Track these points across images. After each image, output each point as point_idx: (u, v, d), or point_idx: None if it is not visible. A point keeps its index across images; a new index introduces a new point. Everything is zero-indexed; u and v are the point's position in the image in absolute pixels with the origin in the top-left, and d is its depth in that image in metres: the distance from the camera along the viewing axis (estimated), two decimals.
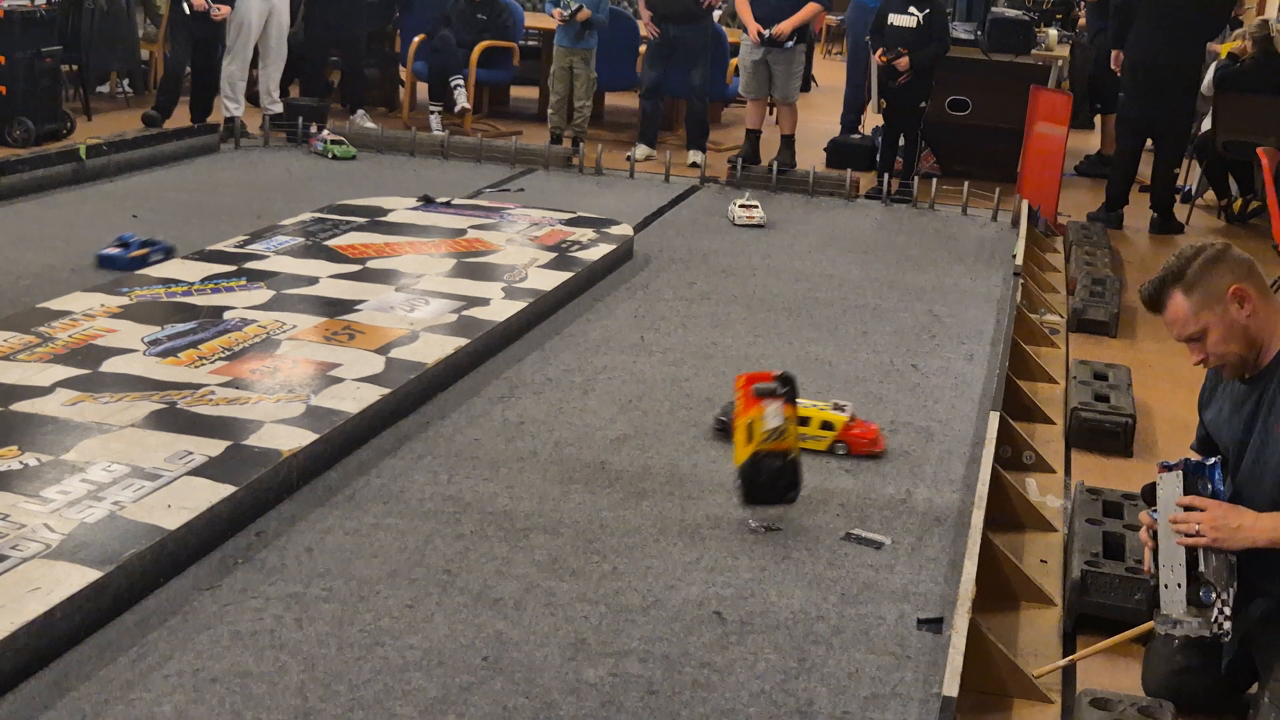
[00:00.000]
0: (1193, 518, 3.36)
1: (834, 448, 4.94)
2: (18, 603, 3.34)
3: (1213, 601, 3.38)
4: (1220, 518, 3.34)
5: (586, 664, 3.51)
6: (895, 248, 8.31)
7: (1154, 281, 3.52)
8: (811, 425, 4.90)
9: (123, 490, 3.99)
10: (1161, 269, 3.53)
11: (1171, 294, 3.47)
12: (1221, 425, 3.59)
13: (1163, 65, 9.20)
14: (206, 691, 3.27)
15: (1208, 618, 3.37)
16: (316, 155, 9.82)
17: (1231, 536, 3.33)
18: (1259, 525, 3.32)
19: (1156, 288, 3.51)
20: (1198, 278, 3.43)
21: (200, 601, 3.69)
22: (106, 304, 5.71)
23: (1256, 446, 3.43)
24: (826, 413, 4.99)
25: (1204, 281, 3.43)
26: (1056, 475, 5.07)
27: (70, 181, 8.39)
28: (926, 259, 8.04)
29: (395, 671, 3.41)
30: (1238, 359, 3.46)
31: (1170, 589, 3.42)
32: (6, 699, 3.18)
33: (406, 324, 5.76)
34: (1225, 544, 3.34)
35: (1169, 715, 3.27)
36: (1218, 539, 3.34)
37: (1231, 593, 3.38)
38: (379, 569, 3.92)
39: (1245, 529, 3.33)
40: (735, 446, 4.37)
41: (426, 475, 4.58)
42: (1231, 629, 3.40)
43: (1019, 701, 3.57)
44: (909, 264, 7.90)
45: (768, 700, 3.40)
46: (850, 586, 4.02)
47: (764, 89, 10.38)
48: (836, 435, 4.95)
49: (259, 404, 4.75)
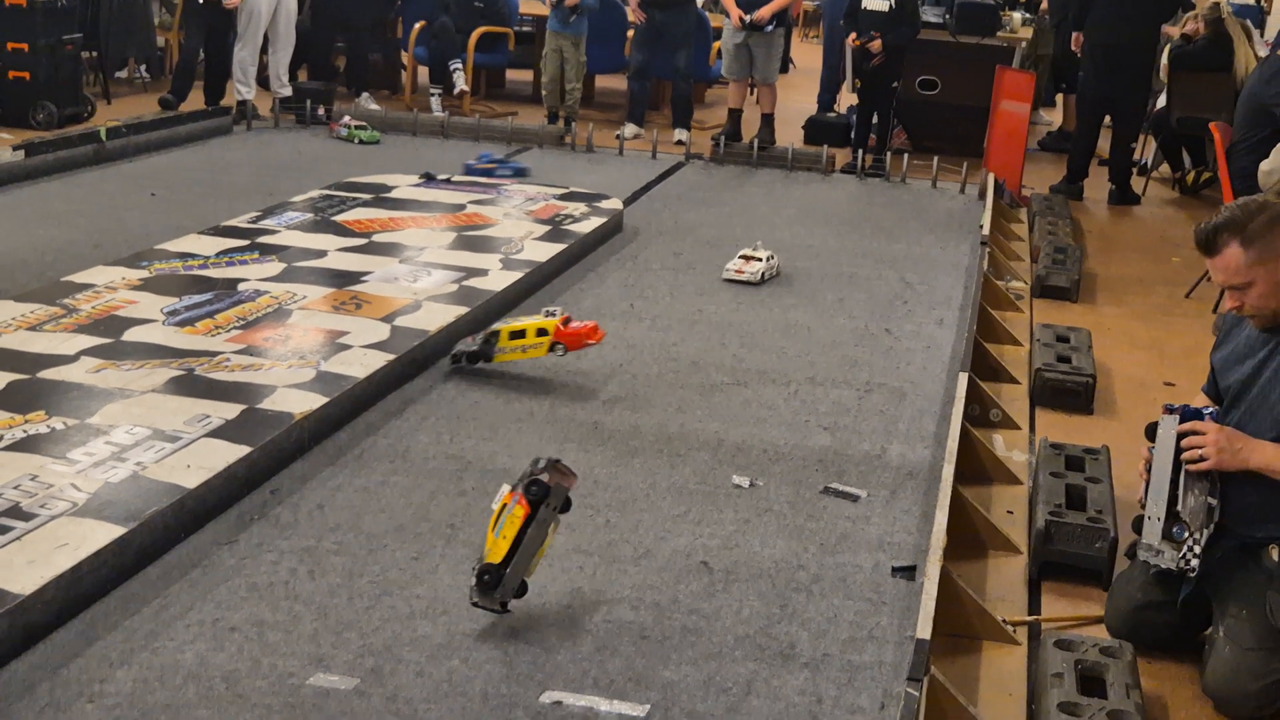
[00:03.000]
0: (1197, 440, 3.38)
1: (554, 348, 4.99)
2: (47, 558, 3.34)
3: (1184, 539, 3.42)
4: (1224, 440, 3.37)
5: (582, 611, 3.51)
6: (869, 219, 8.29)
7: (1213, 225, 3.43)
8: (529, 335, 4.97)
9: (144, 451, 3.98)
10: (1224, 213, 3.45)
11: (1229, 242, 3.40)
12: (1231, 365, 3.58)
13: (1120, 46, 9.18)
14: (226, 639, 3.27)
15: (1178, 553, 3.42)
16: (341, 140, 9.63)
17: (1233, 458, 3.36)
18: (1261, 451, 3.35)
19: (1213, 232, 3.42)
20: (1259, 234, 3.36)
21: (219, 555, 3.68)
22: (127, 277, 5.69)
23: (1261, 391, 3.44)
24: (539, 321, 5.01)
25: (1264, 239, 3.36)
26: (1022, 432, 5.07)
27: (91, 162, 8.33)
28: (899, 230, 8.02)
29: (403, 620, 3.41)
30: (1271, 314, 3.44)
31: (1152, 521, 3.49)
32: (38, 648, 3.17)
33: (410, 294, 5.74)
34: (1226, 464, 3.36)
35: (1129, 655, 3.28)
36: (1220, 460, 3.36)
37: (1205, 534, 3.41)
38: (386, 524, 3.92)
39: (1245, 451, 3.36)
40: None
41: (430, 436, 4.57)
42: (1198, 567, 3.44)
43: (988, 643, 3.57)
44: (882, 235, 7.88)
45: (752, 644, 3.40)
46: (829, 537, 4.02)
47: (745, 70, 10.38)
48: (552, 338, 4.97)
49: (272, 370, 4.73)
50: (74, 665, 3.13)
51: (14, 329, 4.97)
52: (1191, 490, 3.43)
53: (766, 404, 5.05)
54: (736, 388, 5.20)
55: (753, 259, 6.66)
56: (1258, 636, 3.33)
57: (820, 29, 14.76)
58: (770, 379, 5.31)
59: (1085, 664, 3.23)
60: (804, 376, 5.36)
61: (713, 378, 5.28)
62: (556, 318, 5.01)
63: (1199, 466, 3.39)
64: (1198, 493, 3.42)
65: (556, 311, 5.07)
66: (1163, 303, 7.08)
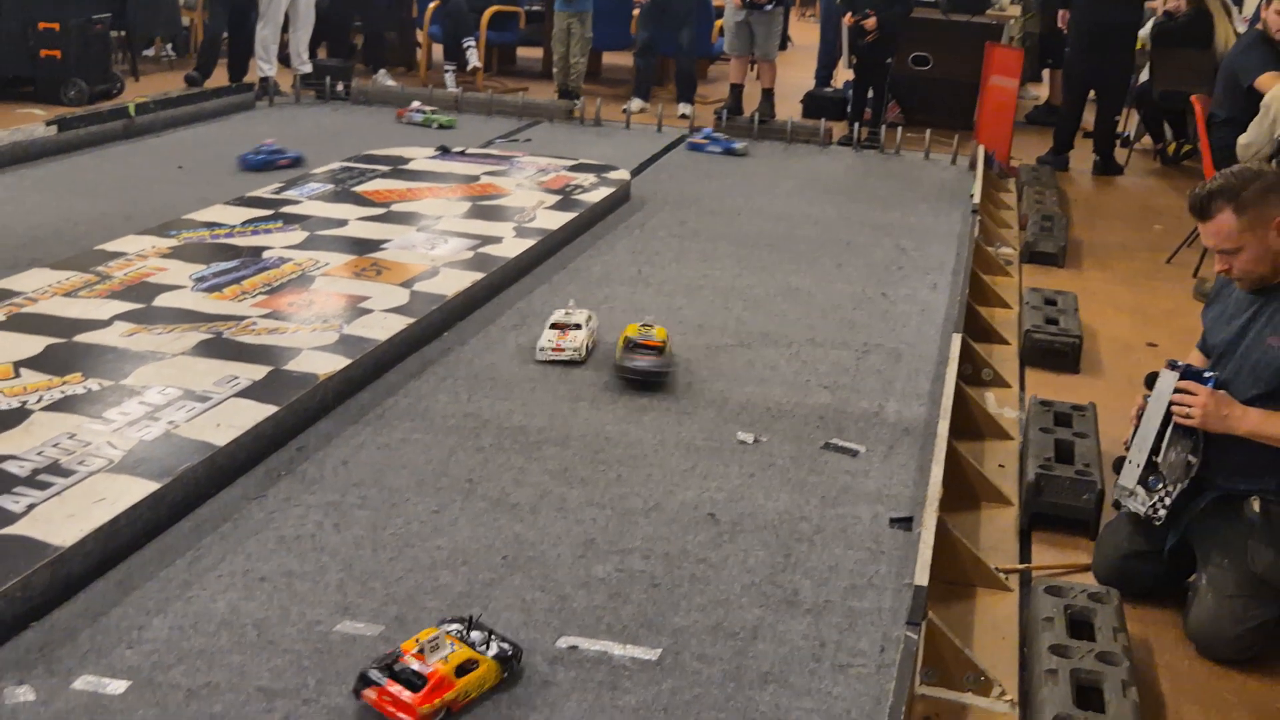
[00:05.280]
0: (1188, 401, 3.38)
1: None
2: (86, 512, 3.34)
3: (1158, 489, 3.43)
4: (1213, 405, 3.36)
5: (595, 561, 3.50)
6: (865, 189, 8.25)
7: (1208, 190, 3.40)
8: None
9: (176, 411, 3.97)
10: (1218, 179, 3.41)
11: (1222, 208, 3.37)
12: (1220, 325, 3.57)
13: (1104, 24, 9.13)
14: (256, 589, 3.27)
15: (1149, 500, 3.44)
16: (416, 125, 9.37)
17: (1220, 423, 3.35)
18: (1246, 418, 3.34)
19: (1207, 198, 3.39)
20: (1251, 202, 3.33)
21: (248, 509, 3.68)
22: (157, 245, 5.67)
23: (1245, 350, 3.43)
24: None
25: (1256, 207, 3.33)
26: (1012, 390, 5.06)
27: (121, 136, 8.30)
28: (894, 199, 7.99)
29: (424, 570, 3.41)
30: (1259, 278, 3.42)
31: (1132, 465, 3.51)
32: (78, 597, 3.17)
33: (428, 260, 5.71)
34: (1212, 428, 3.36)
35: (1115, 600, 3.28)
36: (1206, 423, 3.35)
37: (1179, 488, 3.42)
38: (407, 479, 3.91)
39: (1231, 418, 3.35)
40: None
41: (448, 395, 4.56)
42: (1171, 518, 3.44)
43: (981, 590, 3.57)
44: (878, 204, 7.84)
45: (757, 591, 3.40)
46: (830, 490, 4.01)
47: (746, 47, 10.34)
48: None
49: (296, 333, 4.72)
50: (113, 613, 3.13)
51: (51, 295, 4.95)
52: (1175, 446, 3.44)
53: (769, 364, 5.03)
54: (740, 349, 5.18)
55: (569, 328, 4.97)
56: (1238, 584, 3.34)
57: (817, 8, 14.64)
58: (772, 340, 5.29)
59: (1074, 609, 3.23)
60: (804, 338, 5.34)
61: (718, 339, 5.26)
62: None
63: (1186, 423, 3.39)
64: (1180, 449, 3.43)
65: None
66: (1145, 268, 7.05)
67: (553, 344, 4.88)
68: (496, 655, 2.91)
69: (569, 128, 9.76)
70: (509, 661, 2.92)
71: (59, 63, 9.50)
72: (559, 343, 4.88)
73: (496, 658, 2.90)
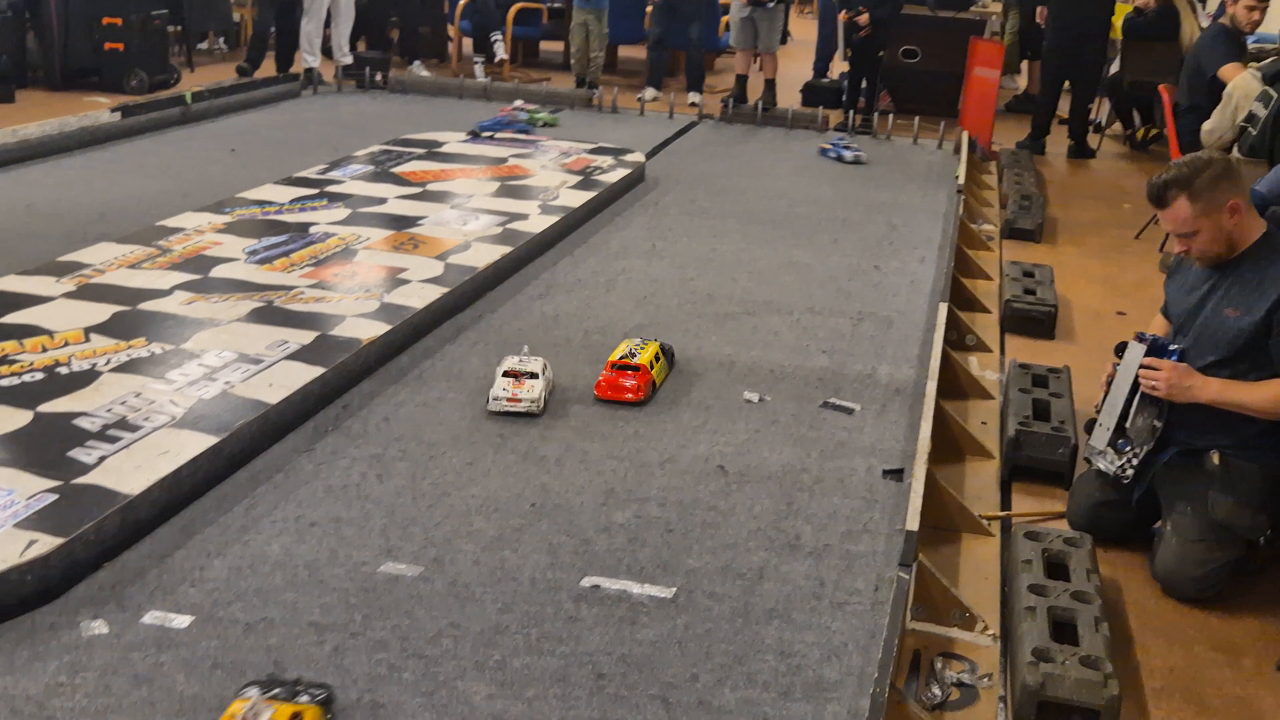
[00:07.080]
0: (1153, 375, 3.38)
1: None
2: (151, 463, 3.35)
3: (1126, 451, 3.44)
4: (1176, 378, 3.36)
5: (615, 509, 3.51)
6: (859, 171, 8.20)
7: (1163, 180, 3.37)
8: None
9: (232, 372, 3.98)
10: (1171, 169, 3.38)
11: (1177, 196, 3.35)
12: (1180, 297, 3.56)
13: (1080, 20, 9.06)
14: (307, 534, 3.28)
15: (1119, 461, 3.44)
16: (522, 124, 8.82)
17: (1183, 394, 3.35)
18: (1207, 388, 3.34)
19: (1163, 187, 3.37)
20: (1204, 189, 3.32)
21: (299, 461, 3.69)
22: (213, 221, 5.67)
23: (1204, 320, 3.42)
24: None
25: (1209, 194, 3.32)
26: (993, 354, 5.05)
27: (179, 122, 8.29)
28: (885, 180, 7.95)
29: (460, 516, 3.41)
30: (1215, 256, 3.41)
31: (1102, 429, 3.53)
32: (146, 541, 3.19)
33: (460, 235, 5.70)
34: (1176, 398, 3.36)
35: (1088, 544, 3.28)
36: (1170, 394, 3.35)
37: (1145, 450, 3.42)
38: (444, 434, 3.92)
39: (1194, 389, 3.35)
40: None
41: (480, 358, 4.56)
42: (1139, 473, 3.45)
43: (966, 535, 3.57)
44: (871, 184, 7.80)
45: (763, 536, 3.40)
46: (828, 444, 4.01)
47: (750, 41, 10.25)
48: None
49: (341, 301, 4.72)
50: (177, 555, 3.15)
51: (117, 267, 4.96)
52: (1142, 412, 3.45)
53: (772, 330, 5.02)
54: (746, 316, 5.17)
55: (524, 376, 4.16)
56: (1200, 530, 3.34)
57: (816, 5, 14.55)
58: (775, 309, 5.28)
59: (1051, 552, 3.23)
60: (804, 307, 5.33)
61: (725, 308, 5.25)
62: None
63: (1152, 393, 3.39)
64: (1146, 415, 3.44)
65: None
66: (1115, 243, 7.01)
67: (508, 394, 4.08)
68: (319, 700, 2.56)
69: (588, 114, 9.72)
70: (329, 703, 2.58)
71: (121, 55, 9.48)
72: (515, 392, 4.09)
73: (318, 702, 2.56)
